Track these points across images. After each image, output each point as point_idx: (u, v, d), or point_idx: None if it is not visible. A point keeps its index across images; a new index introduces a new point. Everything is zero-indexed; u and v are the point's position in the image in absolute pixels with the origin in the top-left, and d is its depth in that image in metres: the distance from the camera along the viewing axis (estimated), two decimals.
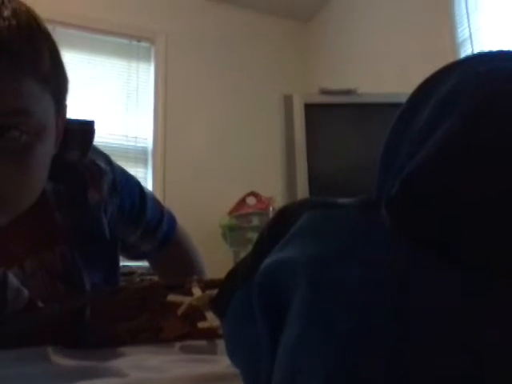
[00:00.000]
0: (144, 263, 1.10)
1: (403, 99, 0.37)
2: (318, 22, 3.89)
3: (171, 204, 2.92)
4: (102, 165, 0.81)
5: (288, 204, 0.40)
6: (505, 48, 0.34)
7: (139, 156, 3.41)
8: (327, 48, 3.76)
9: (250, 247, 0.41)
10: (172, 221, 1.02)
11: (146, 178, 3.38)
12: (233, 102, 3.65)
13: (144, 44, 3.55)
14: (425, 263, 0.27)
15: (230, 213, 3.23)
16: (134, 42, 3.53)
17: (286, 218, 0.37)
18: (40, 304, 0.70)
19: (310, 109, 2.37)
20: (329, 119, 2.43)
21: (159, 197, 3.31)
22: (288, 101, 2.36)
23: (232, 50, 3.74)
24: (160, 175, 3.36)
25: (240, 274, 0.39)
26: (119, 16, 3.42)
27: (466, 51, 2.49)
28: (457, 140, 0.28)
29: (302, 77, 3.83)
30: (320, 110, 2.42)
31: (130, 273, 2.13)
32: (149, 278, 1.46)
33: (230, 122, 3.60)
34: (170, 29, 3.57)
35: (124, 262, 1.31)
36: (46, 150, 0.63)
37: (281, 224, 0.36)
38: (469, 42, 2.49)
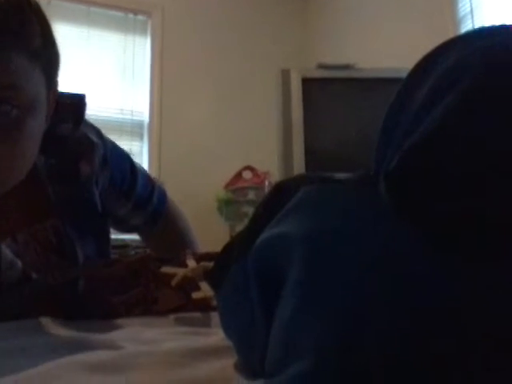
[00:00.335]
0: (138, 236, 1.10)
1: (402, 74, 0.37)
2: None
3: (167, 178, 2.92)
4: (94, 138, 0.82)
5: (284, 179, 0.40)
6: (505, 23, 0.34)
7: (135, 130, 3.39)
8: (326, 22, 3.71)
9: (246, 221, 0.41)
10: (163, 195, 1.01)
11: (141, 151, 3.37)
12: (230, 76, 3.61)
13: (140, 17, 3.50)
14: (422, 242, 0.27)
15: (226, 187, 3.23)
16: (131, 15, 3.47)
17: (282, 193, 0.37)
18: (34, 275, 0.70)
19: (308, 83, 2.34)
20: (326, 94, 2.41)
21: (155, 171, 3.31)
22: (286, 75, 2.33)
23: (229, 24, 3.69)
24: (156, 149, 3.35)
25: (236, 247, 0.39)
26: None
27: (466, 26, 2.47)
28: (456, 116, 0.28)
29: (301, 52, 3.79)
30: (318, 84, 2.40)
31: (124, 246, 2.14)
32: (143, 250, 1.46)
33: (226, 97, 3.58)
34: (167, 2, 3.51)
35: (118, 235, 1.31)
36: (37, 124, 0.63)
37: (277, 199, 0.36)
38: (469, 17, 2.46)
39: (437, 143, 0.28)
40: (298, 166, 2.22)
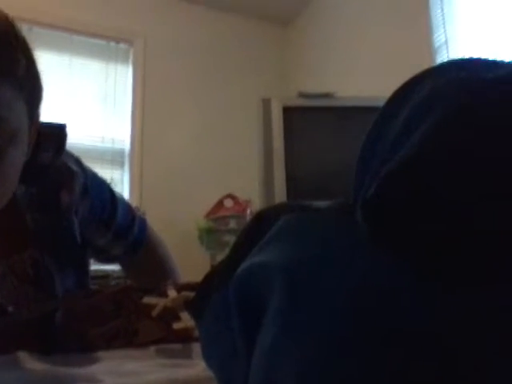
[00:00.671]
0: (119, 266, 1.09)
1: (381, 103, 0.37)
2: (297, 25, 3.91)
3: (148, 206, 2.91)
4: (74, 167, 0.81)
5: (265, 208, 0.40)
6: (478, 55, 0.35)
7: (116, 158, 3.38)
8: (306, 52, 3.78)
9: (227, 250, 0.41)
10: (143, 224, 1.01)
11: (122, 180, 3.35)
12: (211, 104, 3.64)
13: (122, 46, 3.53)
14: (401, 270, 0.27)
15: (207, 215, 3.22)
16: (113, 44, 3.50)
17: (263, 221, 0.37)
18: (10, 309, 0.69)
19: (289, 112, 2.37)
20: (307, 122, 2.44)
21: (136, 199, 3.29)
22: (266, 104, 2.36)
23: (211, 52, 3.73)
24: (137, 178, 3.34)
25: (217, 276, 0.39)
26: (98, 17, 3.39)
27: (441, 57, 2.53)
28: (432, 144, 0.29)
29: (281, 80, 3.85)
30: (298, 113, 2.43)
31: (105, 276, 2.11)
32: (124, 281, 1.44)
33: (208, 125, 3.60)
34: (149, 31, 3.55)
35: (98, 266, 1.30)
36: (18, 154, 0.63)
37: (258, 228, 0.36)
38: (444, 47, 2.53)
39: (413, 171, 0.28)
40: (280, 194, 2.23)
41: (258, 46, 3.93)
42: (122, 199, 0.98)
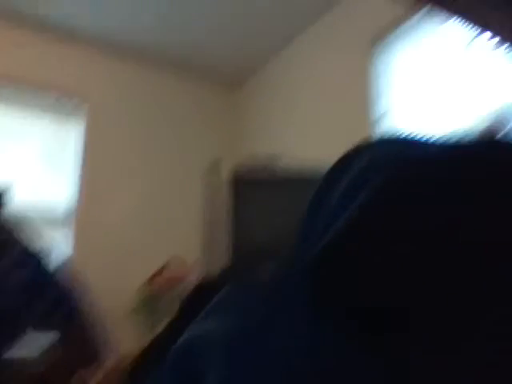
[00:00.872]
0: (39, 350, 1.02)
1: (324, 171, 0.39)
2: (245, 91, 4.03)
3: (87, 271, 2.79)
4: (12, 232, 0.78)
5: (208, 276, 0.40)
6: (413, 128, 0.37)
7: (55, 219, 3.28)
8: (254, 117, 3.88)
9: (167, 318, 0.40)
10: (78, 300, 0.96)
11: (64, 242, 3.24)
12: (158, 167, 3.64)
13: (71, 105, 3.51)
14: (341, 333, 0.27)
15: (149, 281, 3.14)
16: (62, 103, 3.47)
17: (205, 290, 0.36)
18: None
19: (235, 176, 2.40)
20: (253, 189, 2.47)
21: (77, 262, 3.16)
22: (215, 166, 2.38)
23: (160, 115, 3.77)
24: (79, 240, 3.23)
25: (155, 350, 0.37)
26: (49, 74, 3.38)
27: (380, 128, 2.67)
28: (368, 214, 0.30)
29: (230, 144, 3.91)
30: (245, 178, 2.46)
31: (23, 361, 1.97)
32: (44, 365, 1.36)
33: (154, 188, 3.57)
34: (99, 91, 3.56)
35: (15, 351, 1.21)
36: None
37: (199, 298, 0.36)
38: (383, 120, 2.67)
39: (349, 240, 0.30)
40: (222, 260, 2.21)
41: (208, 109, 4.00)
42: (61, 266, 0.94)
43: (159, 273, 3.14)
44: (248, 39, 3.52)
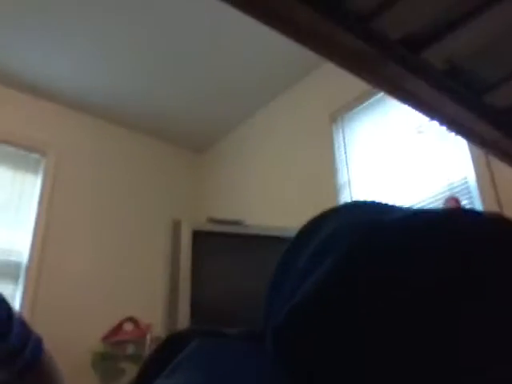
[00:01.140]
0: None
1: (287, 233, 0.40)
2: (211, 153, 4.10)
3: (39, 326, 2.68)
4: None
5: (174, 331, 0.40)
6: (375, 195, 0.40)
7: (11, 271, 3.16)
8: (218, 179, 3.92)
9: (122, 379, 0.40)
10: (38, 348, 0.93)
11: (14, 295, 3.11)
12: (119, 223, 3.59)
13: (34, 155, 3.48)
14: None
15: (104, 339, 3.02)
16: (23, 152, 3.44)
17: (172, 345, 0.36)
18: None
19: (198, 236, 2.39)
20: (215, 248, 2.47)
21: (26, 317, 3.03)
22: (176, 226, 2.37)
23: (124, 171, 3.76)
24: (31, 294, 3.11)
25: None
26: (10, 126, 3.36)
27: (344, 194, 2.74)
28: (331, 280, 0.31)
29: (192, 204, 3.92)
30: (207, 238, 2.46)
31: None
32: None
33: (114, 244, 3.51)
34: (63, 144, 3.54)
35: None
36: None
37: (166, 352, 0.36)
38: (347, 187, 2.75)
39: (314, 304, 0.31)
40: (183, 319, 2.16)
41: (172, 170, 4.03)
42: (19, 317, 0.91)
43: (115, 331, 3.04)
44: (213, 108, 3.66)
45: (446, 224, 0.33)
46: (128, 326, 3.09)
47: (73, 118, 3.67)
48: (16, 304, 3.06)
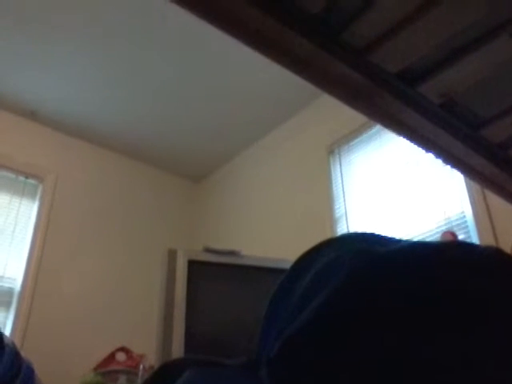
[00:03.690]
0: None
1: (283, 265, 0.41)
2: (208, 183, 4.11)
3: (31, 355, 2.64)
4: None
5: (169, 360, 0.40)
6: (372, 226, 0.40)
7: (3, 297, 3.13)
8: (215, 209, 3.92)
9: None
10: (30, 377, 0.91)
11: (5, 321, 3.07)
12: (115, 252, 3.57)
13: (31, 181, 3.48)
14: None
15: (96, 368, 2.97)
16: (21, 178, 3.44)
17: (165, 374, 0.36)
18: None
19: (193, 265, 2.38)
20: (211, 278, 2.45)
21: (17, 345, 2.97)
22: (172, 255, 2.36)
23: (120, 199, 3.76)
24: (22, 321, 3.07)
25: None
26: (8, 151, 3.37)
27: (341, 226, 2.74)
28: (327, 311, 0.31)
29: (189, 233, 3.91)
30: (203, 267, 2.44)
31: None
32: None
33: (108, 272, 3.48)
34: (61, 171, 3.55)
35: None
36: None
37: (160, 381, 0.35)
38: (344, 218, 2.75)
39: (310, 335, 0.30)
40: (177, 349, 2.13)
41: (169, 199, 4.03)
42: (10, 347, 0.89)
43: (107, 360, 2.99)
44: (211, 139, 3.71)
45: (442, 255, 0.33)
46: (121, 356, 3.04)
47: (71, 144, 3.69)
48: (7, 331, 3.02)
